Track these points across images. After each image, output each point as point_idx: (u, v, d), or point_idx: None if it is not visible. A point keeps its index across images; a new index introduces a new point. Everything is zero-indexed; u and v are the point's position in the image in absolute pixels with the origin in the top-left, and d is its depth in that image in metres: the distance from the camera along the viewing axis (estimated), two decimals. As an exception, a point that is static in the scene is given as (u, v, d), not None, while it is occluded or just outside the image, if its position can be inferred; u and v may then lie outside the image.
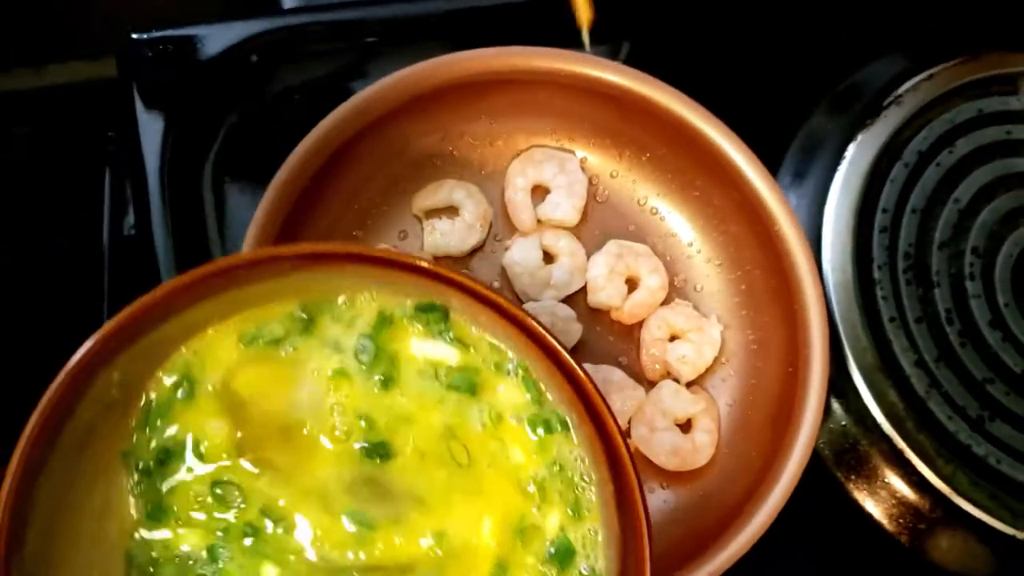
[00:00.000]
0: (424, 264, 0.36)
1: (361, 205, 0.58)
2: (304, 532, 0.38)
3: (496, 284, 0.59)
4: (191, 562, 0.38)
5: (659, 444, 0.54)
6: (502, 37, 0.54)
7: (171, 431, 0.38)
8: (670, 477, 0.55)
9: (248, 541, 0.38)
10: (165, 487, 0.38)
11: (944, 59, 0.62)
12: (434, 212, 0.58)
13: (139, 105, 0.62)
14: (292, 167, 0.52)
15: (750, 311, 0.58)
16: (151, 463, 0.38)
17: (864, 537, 0.58)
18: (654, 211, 0.60)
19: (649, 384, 0.57)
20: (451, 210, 0.58)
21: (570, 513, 0.39)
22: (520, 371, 0.40)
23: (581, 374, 0.37)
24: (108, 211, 0.64)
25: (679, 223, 0.60)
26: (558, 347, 0.37)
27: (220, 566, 0.38)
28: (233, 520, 0.38)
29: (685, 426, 0.56)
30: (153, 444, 0.38)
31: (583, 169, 0.59)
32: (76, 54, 0.73)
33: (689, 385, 0.57)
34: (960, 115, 0.61)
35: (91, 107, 0.72)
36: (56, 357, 0.60)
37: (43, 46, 0.73)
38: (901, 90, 0.62)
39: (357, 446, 0.39)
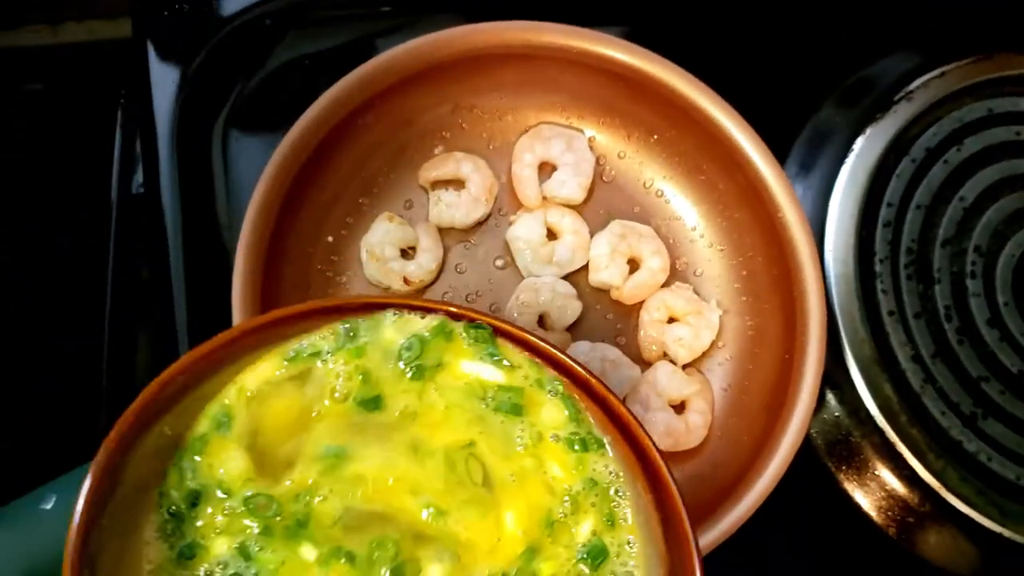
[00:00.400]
0: (454, 310, 0.40)
1: (368, 172, 0.58)
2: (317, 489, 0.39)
3: (499, 259, 0.59)
4: (221, 566, 0.37)
5: (652, 424, 0.55)
6: (515, 12, 0.55)
7: (200, 470, 0.38)
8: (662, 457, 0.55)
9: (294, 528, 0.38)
10: (193, 528, 0.38)
11: (957, 57, 0.62)
12: (440, 183, 0.59)
13: (153, 65, 0.62)
14: (301, 131, 0.52)
15: (750, 297, 0.58)
16: (182, 507, 0.38)
17: (853, 528, 0.58)
18: (659, 193, 0.60)
19: (645, 364, 0.57)
20: (457, 182, 0.59)
21: (605, 521, 0.39)
22: (559, 387, 0.41)
23: (619, 406, 0.38)
24: (117, 169, 0.64)
25: (684, 206, 0.60)
26: (592, 379, 0.39)
27: (254, 558, 0.37)
28: (280, 519, 0.38)
29: (679, 407, 0.56)
30: (184, 485, 0.38)
31: (591, 148, 0.60)
32: (93, 13, 0.73)
33: (685, 367, 0.57)
34: (970, 114, 0.61)
35: (105, 66, 0.73)
36: (56, 357, 0.60)
37: (61, 4, 0.74)
38: (912, 86, 0.62)
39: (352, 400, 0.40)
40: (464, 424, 0.40)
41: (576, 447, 0.40)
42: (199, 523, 0.38)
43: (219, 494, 0.38)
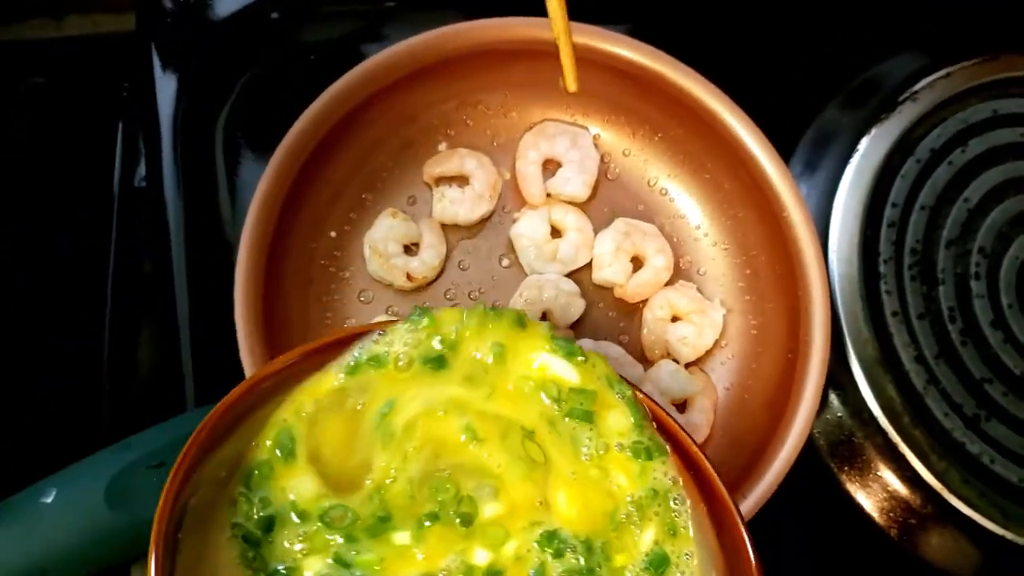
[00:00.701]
0: None
1: (372, 168, 0.58)
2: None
3: (503, 256, 0.59)
4: None
5: (655, 423, 0.54)
6: (520, 8, 0.54)
7: (271, 495, 0.38)
8: (664, 456, 0.55)
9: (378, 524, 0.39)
10: (272, 553, 0.38)
11: (962, 58, 0.62)
12: (444, 179, 0.58)
13: (156, 59, 0.62)
14: (305, 126, 0.52)
15: (753, 296, 0.58)
16: (259, 533, 0.38)
17: (855, 529, 0.58)
18: (664, 192, 0.60)
19: (648, 363, 0.57)
20: (461, 179, 0.58)
21: (667, 531, 0.40)
22: (627, 392, 0.41)
23: (669, 420, 0.40)
24: (119, 163, 0.64)
25: (688, 205, 0.60)
26: (639, 393, 0.40)
27: (353, 564, 0.38)
28: (359, 523, 0.38)
29: (682, 406, 0.56)
30: (257, 513, 0.38)
31: (596, 146, 0.59)
32: (96, 6, 0.73)
33: (688, 366, 0.57)
34: (975, 115, 0.61)
35: (108, 60, 0.72)
36: (56, 357, 0.60)
37: (65, -3, 0.73)
38: (917, 87, 0.61)
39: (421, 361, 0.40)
40: (535, 415, 0.40)
41: (640, 456, 0.40)
42: (277, 548, 0.38)
43: (294, 518, 0.38)
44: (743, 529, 0.38)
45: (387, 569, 0.38)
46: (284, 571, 0.37)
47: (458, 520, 0.38)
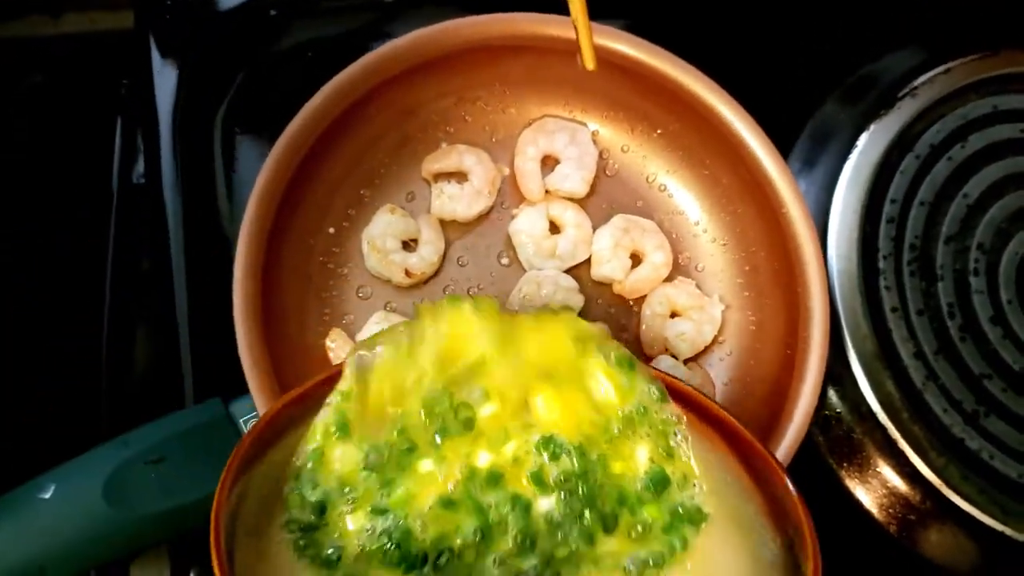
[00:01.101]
0: None
1: (370, 164, 0.58)
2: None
3: (501, 253, 0.59)
4: (368, 532, 0.39)
5: (654, 419, 0.54)
6: (518, 4, 0.54)
7: (319, 478, 0.39)
8: (663, 452, 0.55)
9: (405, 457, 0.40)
10: (329, 534, 0.39)
11: (962, 54, 0.62)
12: (443, 175, 0.58)
13: (155, 55, 0.62)
14: (303, 121, 0.52)
15: (752, 293, 0.58)
16: (313, 518, 0.39)
17: (854, 525, 0.58)
18: (663, 188, 0.60)
19: (647, 359, 0.57)
20: (460, 175, 0.58)
21: (663, 453, 0.41)
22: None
23: (660, 374, 0.42)
24: (118, 159, 0.64)
25: (687, 201, 0.60)
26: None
27: (388, 508, 0.39)
28: (390, 459, 0.40)
29: (681, 402, 0.56)
30: (309, 499, 0.39)
31: (594, 142, 0.59)
32: (94, 3, 0.73)
33: (687, 362, 0.57)
34: (974, 111, 0.61)
35: (106, 58, 0.72)
36: (56, 357, 0.61)
37: (62, -6, 0.73)
38: (916, 82, 0.61)
39: None
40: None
41: (624, 366, 0.42)
42: (332, 527, 0.39)
43: (342, 489, 0.39)
44: (768, 455, 0.40)
45: (414, 498, 0.39)
46: (335, 551, 0.38)
47: (462, 427, 0.40)
